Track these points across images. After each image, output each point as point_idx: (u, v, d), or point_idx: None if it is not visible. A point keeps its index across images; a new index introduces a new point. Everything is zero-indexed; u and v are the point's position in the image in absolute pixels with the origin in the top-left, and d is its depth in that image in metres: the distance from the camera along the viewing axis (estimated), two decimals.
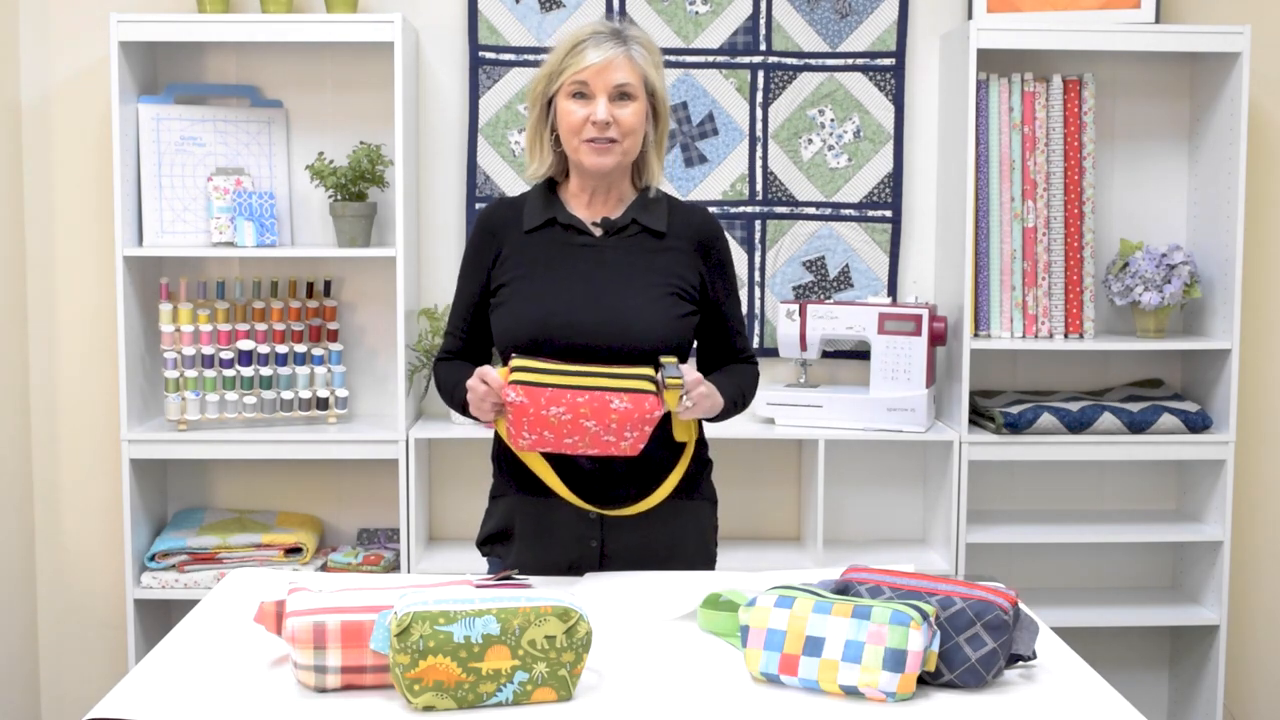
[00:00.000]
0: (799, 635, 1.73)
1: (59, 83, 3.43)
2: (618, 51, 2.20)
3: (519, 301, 2.24)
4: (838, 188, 3.49)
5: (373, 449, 3.25)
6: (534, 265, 2.26)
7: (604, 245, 2.27)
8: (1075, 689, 1.78)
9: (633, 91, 2.21)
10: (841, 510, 3.53)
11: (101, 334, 3.44)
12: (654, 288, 2.24)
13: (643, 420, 2.10)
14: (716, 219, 2.38)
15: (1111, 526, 3.43)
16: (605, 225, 2.27)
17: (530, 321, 2.21)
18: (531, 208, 2.30)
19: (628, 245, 2.27)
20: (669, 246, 2.28)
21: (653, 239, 2.28)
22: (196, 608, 2.09)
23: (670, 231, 2.29)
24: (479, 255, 2.32)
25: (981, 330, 3.38)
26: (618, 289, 2.23)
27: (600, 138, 2.19)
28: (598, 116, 2.18)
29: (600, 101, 2.18)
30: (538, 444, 2.12)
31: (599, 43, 2.20)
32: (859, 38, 3.45)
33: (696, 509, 2.36)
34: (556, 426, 2.09)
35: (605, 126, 2.19)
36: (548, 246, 2.27)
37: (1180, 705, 3.59)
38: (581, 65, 2.18)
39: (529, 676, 1.66)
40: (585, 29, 2.23)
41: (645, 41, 2.26)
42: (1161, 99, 3.52)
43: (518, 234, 2.29)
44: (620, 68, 2.19)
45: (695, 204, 2.43)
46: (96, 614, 3.52)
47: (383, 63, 3.35)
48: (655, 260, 2.26)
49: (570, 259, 2.26)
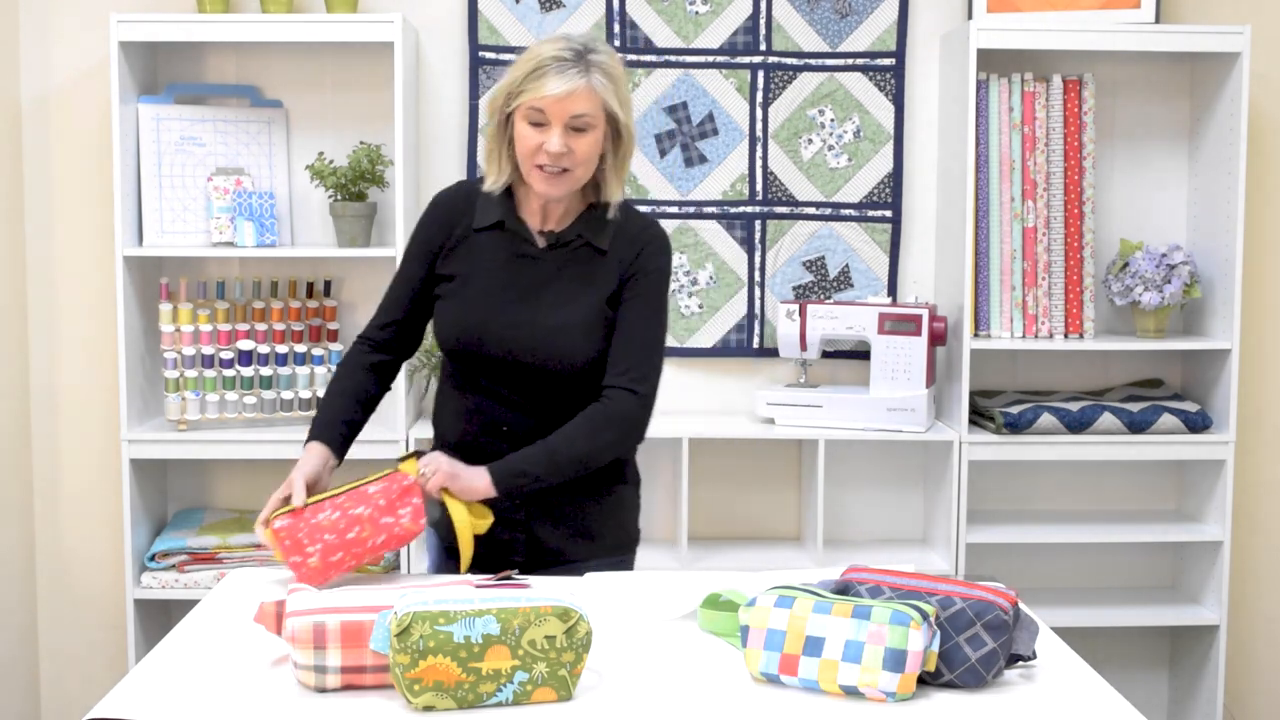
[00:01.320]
0: (799, 635, 1.73)
1: (59, 83, 3.42)
2: (579, 83, 2.15)
3: (455, 305, 2.29)
4: (838, 188, 3.49)
5: (372, 449, 3.25)
6: (476, 268, 2.28)
7: (545, 258, 2.28)
8: (1075, 689, 1.78)
9: (591, 122, 2.18)
10: (841, 510, 3.53)
11: (101, 334, 3.44)
12: (586, 306, 2.26)
13: (404, 492, 2.13)
14: (663, 236, 2.33)
15: (1111, 526, 3.43)
16: (549, 239, 2.29)
17: (464, 330, 2.27)
18: (484, 205, 2.30)
19: (568, 260, 2.28)
20: (608, 264, 2.28)
21: (594, 254, 2.28)
22: (196, 608, 2.09)
23: (612, 248, 2.28)
24: (429, 238, 2.33)
25: (981, 330, 3.38)
26: (547, 307, 2.25)
27: (551, 166, 2.18)
28: (552, 148, 2.16)
29: (555, 132, 2.16)
30: (327, 553, 2.08)
31: (561, 70, 2.15)
32: (859, 38, 3.45)
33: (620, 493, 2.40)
34: (331, 527, 2.09)
35: (559, 157, 2.17)
36: (492, 250, 2.29)
37: (1180, 705, 3.58)
38: (540, 94, 2.15)
39: (529, 676, 1.66)
40: (548, 50, 2.17)
41: (608, 66, 2.19)
42: (1161, 99, 3.52)
43: (467, 226, 2.30)
44: (580, 99, 2.15)
45: (646, 218, 2.36)
46: (96, 614, 3.52)
47: (383, 63, 3.35)
48: (591, 277, 2.28)
49: (509, 269, 2.28)
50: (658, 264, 2.30)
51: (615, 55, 2.23)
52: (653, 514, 3.51)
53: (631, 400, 2.25)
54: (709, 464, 3.49)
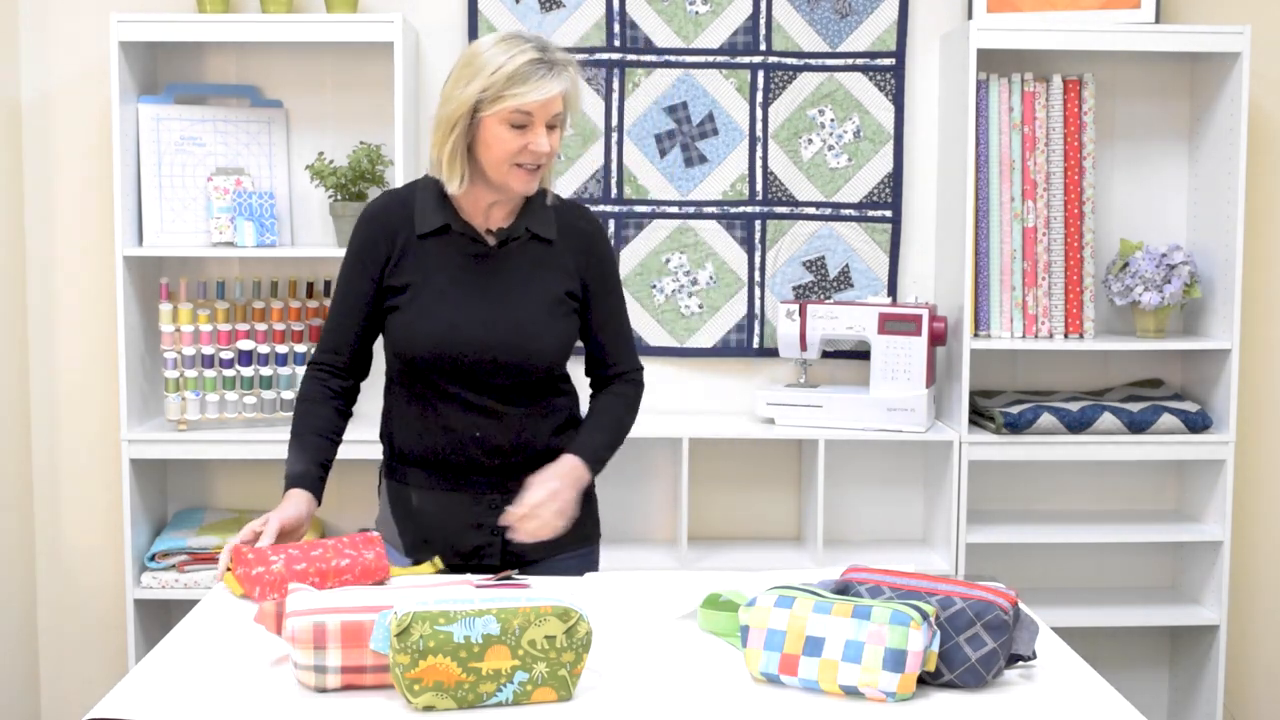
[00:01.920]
0: (799, 635, 1.73)
1: (59, 83, 3.42)
2: (560, 85, 2.20)
3: (416, 313, 2.28)
4: (838, 188, 3.49)
5: (372, 449, 3.24)
6: (429, 274, 2.28)
7: (497, 255, 2.30)
8: (1075, 689, 1.78)
9: (563, 118, 2.26)
10: (841, 510, 3.53)
11: (101, 334, 3.44)
12: (545, 299, 2.30)
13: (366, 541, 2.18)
14: (596, 218, 2.43)
15: (1111, 526, 3.43)
16: (500, 236, 2.30)
17: (427, 338, 2.27)
18: (424, 210, 2.30)
19: (519, 254, 2.31)
20: (557, 252, 2.33)
21: (542, 246, 2.32)
22: (196, 608, 2.09)
23: (559, 236, 2.33)
24: (370, 254, 2.32)
25: (981, 330, 3.38)
26: (513, 303, 2.28)
27: (529, 164, 2.22)
28: (541, 148, 2.21)
29: (541, 132, 2.21)
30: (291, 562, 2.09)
31: (541, 77, 2.19)
32: (859, 38, 3.45)
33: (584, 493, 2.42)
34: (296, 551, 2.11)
35: (541, 155, 2.22)
36: (442, 254, 2.29)
37: (1180, 705, 3.59)
38: (528, 99, 2.18)
39: (529, 676, 1.66)
40: (520, 57, 2.19)
41: (572, 63, 2.25)
42: (1161, 99, 3.52)
43: (410, 235, 2.30)
44: (559, 100, 2.23)
45: (576, 203, 2.44)
46: (96, 614, 3.52)
47: (383, 63, 3.35)
48: (545, 269, 2.32)
49: (466, 270, 2.29)
50: (605, 250, 2.41)
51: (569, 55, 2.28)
52: (652, 514, 3.52)
53: (641, 377, 2.48)
54: (709, 464, 3.49)
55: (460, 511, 2.34)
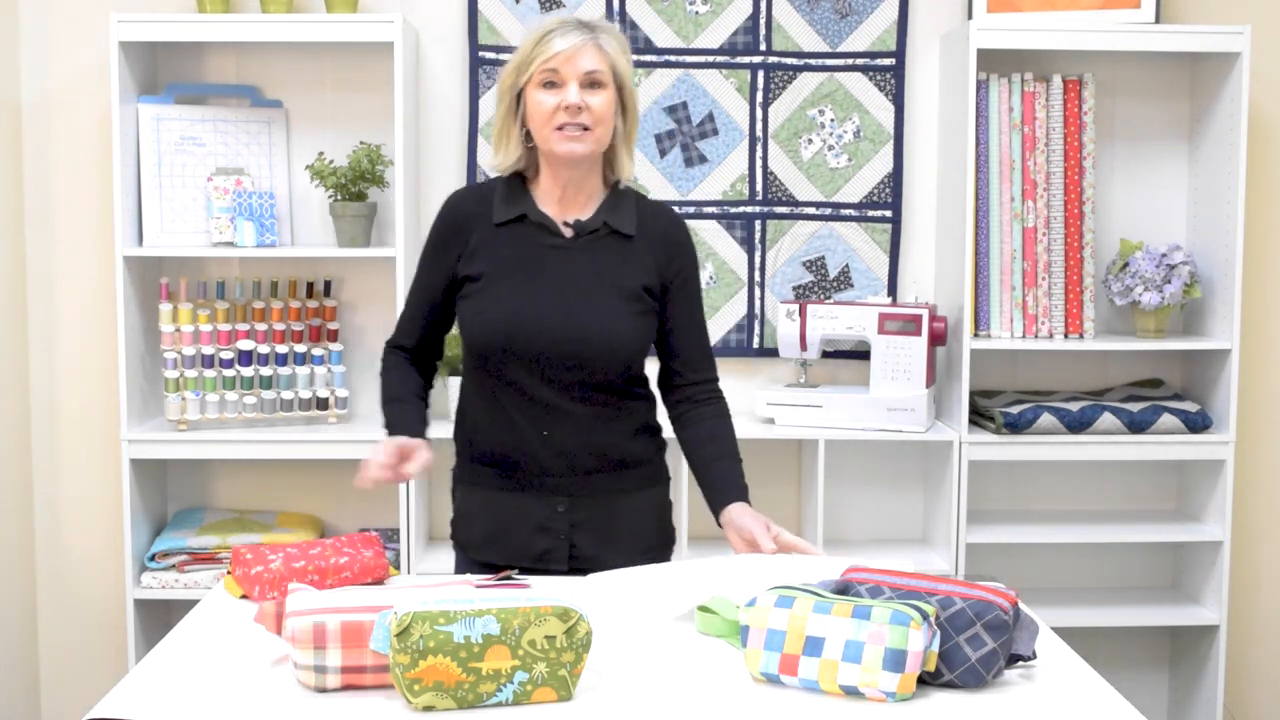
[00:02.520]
0: (799, 635, 1.73)
1: (59, 83, 3.42)
2: (586, 38, 2.19)
3: (487, 303, 2.25)
4: (838, 188, 3.49)
5: (373, 449, 3.24)
6: (503, 263, 2.25)
7: (573, 247, 2.26)
8: (1075, 689, 1.78)
9: (602, 79, 2.20)
10: (841, 510, 3.53)
11: (101, 334, 3.44)
12: (620, 295, 2.25)
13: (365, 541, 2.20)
14: (684, 222, 2.38)
15: (1111, 526, 3.43)
16: (576, 227, 2.27)
17: (497, 327, 2.23)
18: (501, 200, 2.29)
19: (596, 248, 2.27)
20: (636, 249, 2.28)
21: (621, 241, 2.28)
22: (196, 608, 2.09)
23: (639, 233, 2.29)
24: (446, 245, 2.31)
25: (981, 330, 3.38)
26: (585, 297, 2.23)
27: (572, 123, 2.19)
28: (569, 100, 2.17)
29: (571, 86, 2.18)
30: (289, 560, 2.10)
31: (566, 32, 2.19)
32: (859, 38, 3.45)
33: (657, 493, 2.41)
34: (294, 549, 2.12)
35: (577, 111, 2.18)
36: (517, 244, 2.26)
37: (1180, 705, 3.59)
38: (550, 53, 2.18)
39: (529, 676, 1.66)
40: (552, 20, 2.24)
41: (614, 32, 2.25)
42: (1161, 99, 3.52)
43: (487, 226, 2.28)
44: (589, 55, 2.19)
45: (663, 205, 2.41)
46: (96, 614, 3.52)
47: (383, 63, 3.35)
48: (623, 265, 2.27)
49: (539, 261, 2.25)
50: (693, 254, 2.37)
51: (617, 29, 2.28)
52: None
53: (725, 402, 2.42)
54: None
55: (527, 514, 2.29)
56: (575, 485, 2.28)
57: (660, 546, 2.41)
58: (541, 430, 2.26)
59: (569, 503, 2.27)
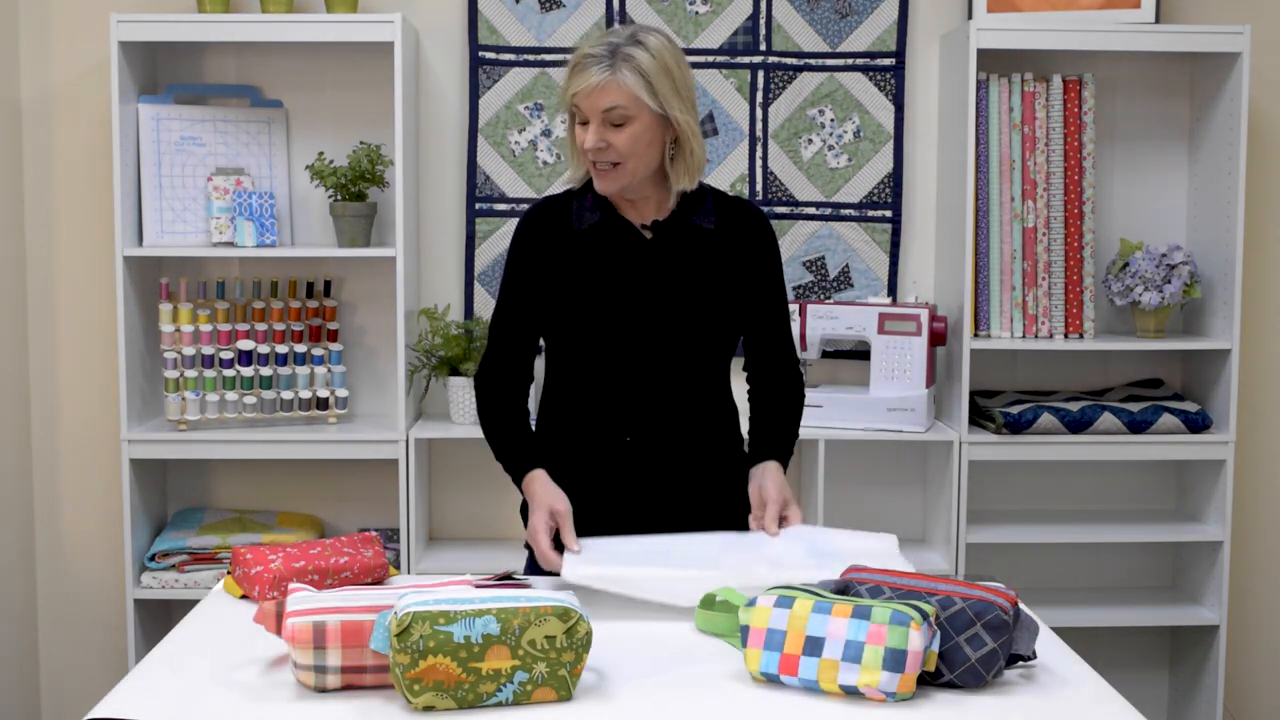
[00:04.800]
0: (799, 635, 1.73)
1: (59, 83, 3.43)
2: (604, 76, 2.13)
3: (574, 308, 2.25)
4: (838, 188, 3.49)
5: (373, 449, 3.25)
6: (587, 269, 2.25)
7: (655, 247, 2.26)
8: (1075, 689, 1.78)
9: (627, 114, 2.14)
10: (841, 510, 3.52)
11: (101, 334, 3.44)
12: (706, 289, 2.25)
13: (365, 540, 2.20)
14: (762, 212, 2.37)
15: (1111, 526, 3.43)
16: (654, 228, 2.26)
17: (583, 329, 2.24)
18: (580, 207, 2.28)
19: (678, 245, 2.26)
20: (720, 243, 2.28)
21: (703, 236, 2.27)
22: (196, 608, 2.09)
23: (718, 228, 2.28)
24: (531, 257, 2.29)
25: (981, 330, 3.38)
26: (669, 293, 2.24)
27: (601, 161, 2.18)
28: (587, 144, 2.16)
29: (592, 127, 2.16)
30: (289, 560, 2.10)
31: (587, 67, 2.14)
32: (859, 38, 3.45)
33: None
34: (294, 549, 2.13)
35: (599, 152, 2.16)
36: (599, 248, 2.26)
37: (1180, 705, 3.59)
38: (573, 89, 2.16)
39: (529, 676, 1.66)
40: (586, 46, 2.18)
41: (638, 60, 2.13)
42: (1161, 99, 3.52)
43: (567, 235, 2.27)
44: (608, 93, 2.13)
45: (740, 198, 2.39)
46: (96, 614, 3.52)
47: (383, 63, 3.35)
48: (706, 259, 2.26)
49: (623, 263, 2.25)
50: (774, 246, 2.36)
51: (661, 48, 2.17)
52: None
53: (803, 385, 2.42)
54: None
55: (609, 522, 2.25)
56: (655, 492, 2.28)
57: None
58: (625, 436, 2.27)
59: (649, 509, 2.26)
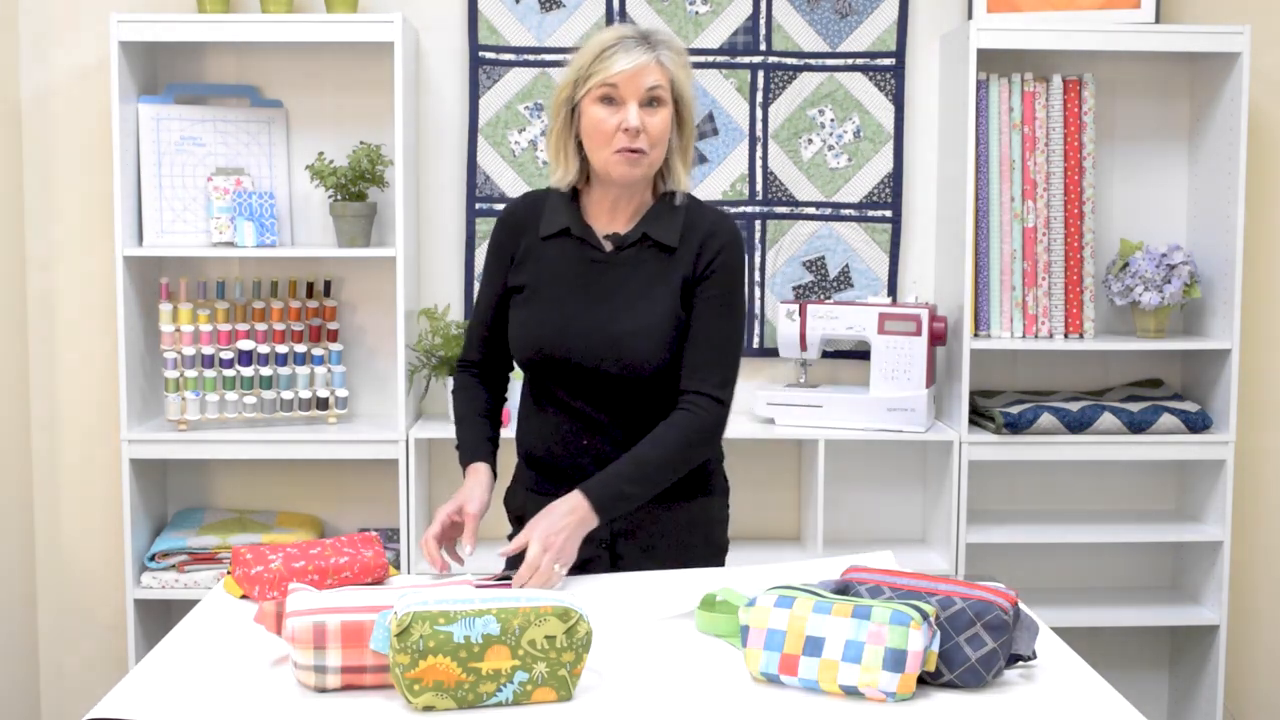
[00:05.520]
0: (799, 635, 1.73)
1: (59, 83, 3.42)
2: (649, 57, 2.15)
3: (527, 316, 2.26)
4: (838, 188, 3.49)
5: (373, 449, 3.25)
6: (544, 276, 2.25)
7: (613, 261, 2.24)
8: (1075, 689, 1.78)
9: (663, 96, 2.16)
10: (841, 510, 3.53)
11: (101, 334, 3.44)
12: (656, 308, 2.21)
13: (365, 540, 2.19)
14: (732, 226, 2.28)
15: (1111, 526, 3.43)
16: (615, 240, 2.25)
17: (534, 340, 2.24)
18: (551, 212, 2.27)
19: (636, 261, 2.24)
20: (678, 259, 2.24)
21: (663, 253, 2.23)
22: (196, 608, 2.09)
23: (681, 242, 2.24)
24: (500, 253, 2.31)
25: (981, 330, 3.38)
26: (620, 311, 2.21)
27: (630, 147, 2.15)
28: (630, 123, 2.13)
29: (631, 107, 2.14)
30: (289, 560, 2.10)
31: (629, 48, 2.15)
32: (859, 38, 3.45)
33: (705, 504, 2.34)
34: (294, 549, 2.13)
35: (636, 134, 2.14)
36: (560, 258, 2.25)
37: (1180, 705, 3.59)
38: (613, 70, 2.13)
39: (529, 676, 1.66)
40: (612, 34, 2.18)
41: (673, 44, 2.20)
42: (1161, 99, 3.52)
43: (534, 236, 2.28)
44: (651, 72, 2.15)
45: (714, 210, 2.32)
46: (96, 614, 3.52)
47: (383, 63, 3.35)
48: (662, 277, 2.23)
49: (579, 275, 2.24)
50: (729, 259, 2.24)
51: (677, 40, 2.23)
52: None
53: (716, 409, 2.21)
54: None
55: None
56: None
57: (707, 557, 2.34)
58: (582, 440, 2.26)
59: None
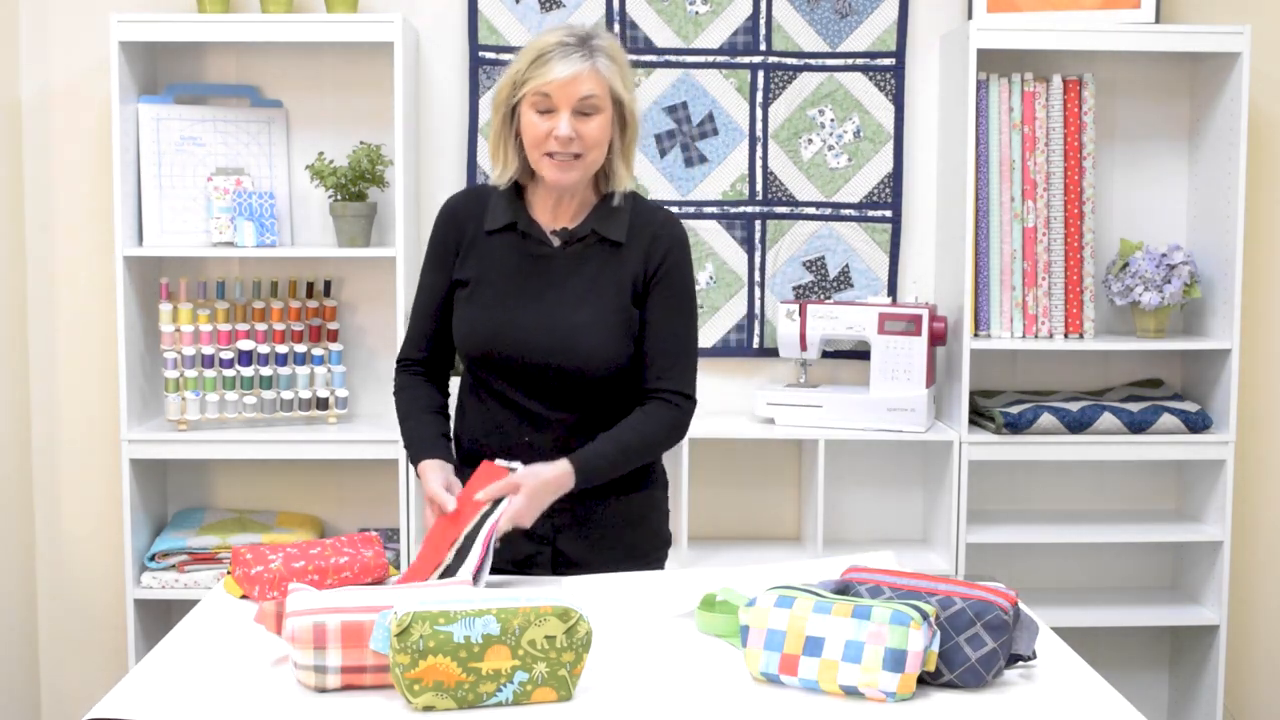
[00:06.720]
0: (799, 635, 1.73)
1: (59, 83, 3.42)
2: (583, 66, 2.14)
3: (472, 310, 2.26)
4: (838, 188, 3.49)
5: (373, 449, 3.25)
6: (490, 271, 2.26)
7: (560, 256, 2.25)
8: (1075, 689, 1.78)
9: (598, 104, 2.17)
10: (841, 510, 3.53)
11: (101, 334, 3.44)
12: (605, 304, 2.23)
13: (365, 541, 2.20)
14: (679, 226, 2.31)
15: (1111, 526, 3.43)
16: (563, 236, 2.26)
17: (480, 335, 2.24)
18: (495, 206, 2.28)
19: (584, 257, 2.25)
20: (626, 257, 2.25)
21: (610, 249, 2.25)
22: (196, 608, 2.09)
23: (628, 240, 2.26)
24: (443, 247, 2.31)
25: (981, 330, 3.38)
26: (569, 306, 2.22)
27: (562, 152, 2.17)
28: (560, 132, 2.15)
29: (563, 116, 2.15)
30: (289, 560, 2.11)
31: (565, 55, 2.14)
32: (859, 38, 3.45)
33: (649, 497, 2.37)
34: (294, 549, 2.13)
35: (568, 142, 2.15)
36: (505, 253, 2.26)
37: (1180, 705, 3.59)
38: (545, 79, 2.14)
39: (529, 676, 1.66)
40: (551, 37, 2.18)
41: (612, 51, 2.19)
42: (1161, 99, 3.52)
43: (479, 231, 2.28)
44: (585, 81, 2.15)
45: (659, 208, 2.35)
46: (96, 614, 3.52)
47: (383, 63, 3.35)
48: (610, 273, 2.25)
49: (525, 270, 2.25)
50: (681, 257, 2.28)
51: (617, 42, 2.23)
52: None
53: (689, 405, 2.31)
54: (709, 464, 3.48)
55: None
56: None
57: (650, 551, 2.38)
58: (524, 437, 2.26)
59: (552, 507, 2.21)
